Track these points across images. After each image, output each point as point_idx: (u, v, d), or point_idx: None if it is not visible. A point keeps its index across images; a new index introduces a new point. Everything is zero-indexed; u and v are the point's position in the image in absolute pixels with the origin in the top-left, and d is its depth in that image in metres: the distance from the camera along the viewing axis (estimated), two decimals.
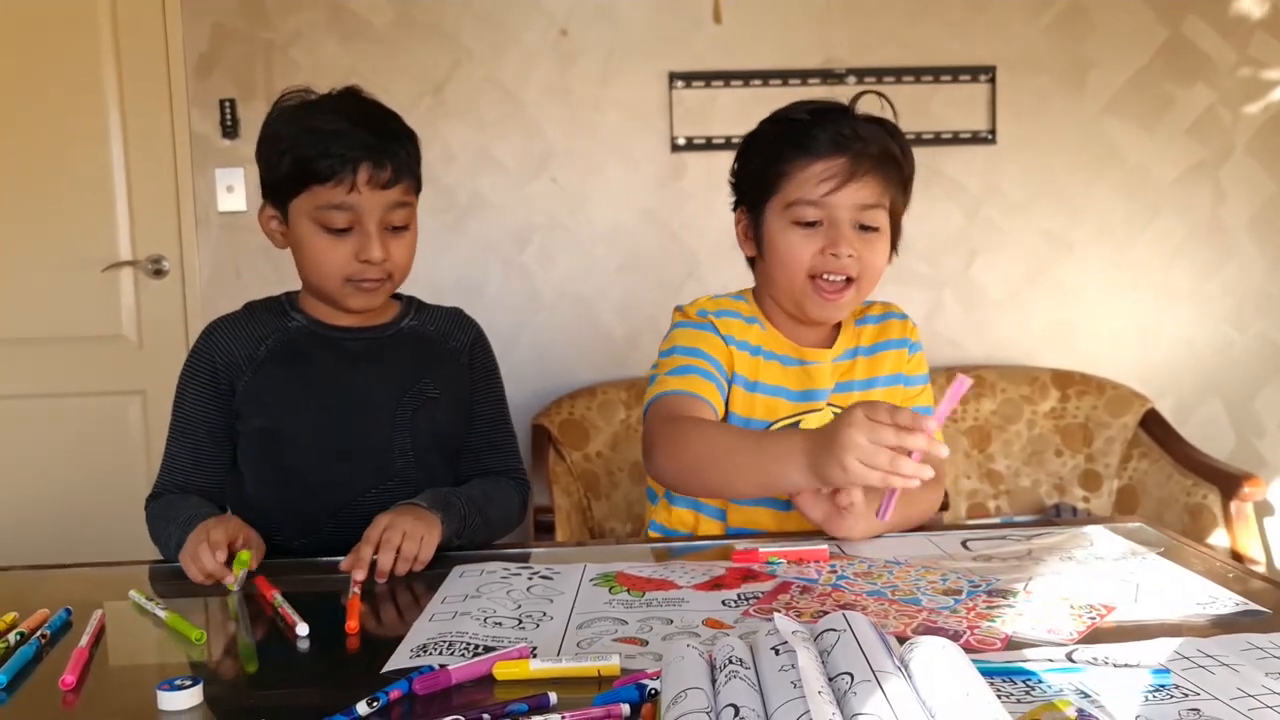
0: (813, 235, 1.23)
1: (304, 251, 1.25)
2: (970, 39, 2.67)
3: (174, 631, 0.91)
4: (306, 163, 1.20)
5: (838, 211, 1.21)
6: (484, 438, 1.38)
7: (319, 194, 1.20)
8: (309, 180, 1.20)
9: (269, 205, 1.27)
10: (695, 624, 0.88)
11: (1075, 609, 0.88)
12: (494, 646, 0.83)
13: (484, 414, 1.38)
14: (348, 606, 0.93)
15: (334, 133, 1.19)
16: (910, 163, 1.27)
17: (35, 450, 2.59)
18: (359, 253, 1.22)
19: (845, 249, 1.21)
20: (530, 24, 2.60)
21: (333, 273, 1.23)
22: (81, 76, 2.53)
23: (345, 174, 1.19)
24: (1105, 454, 2.66)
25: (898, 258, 1.32)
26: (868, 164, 1.21)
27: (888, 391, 1.30)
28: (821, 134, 1.22)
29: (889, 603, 0.91)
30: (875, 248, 1.24)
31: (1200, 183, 2.76)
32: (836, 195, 1.21)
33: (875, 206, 1.22)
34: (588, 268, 2.66)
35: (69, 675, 0.79)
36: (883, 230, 1.25)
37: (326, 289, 1.26)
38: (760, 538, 1.19)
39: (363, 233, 1.22)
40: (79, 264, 2.57)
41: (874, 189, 1.22)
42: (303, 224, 1.23)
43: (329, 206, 1.20)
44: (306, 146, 1.20)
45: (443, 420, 1.32)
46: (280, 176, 1.23)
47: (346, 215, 1.21)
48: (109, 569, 1.18)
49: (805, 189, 1.22)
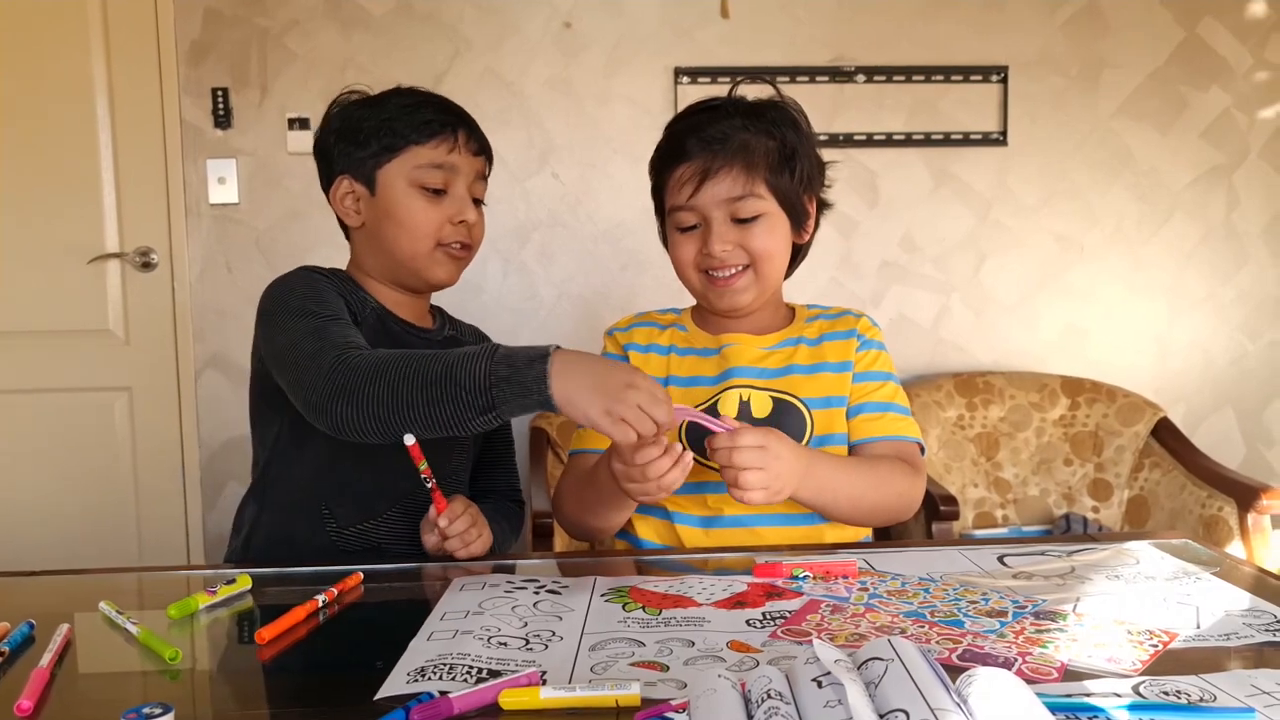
0: (693, 237, 1.26)
1: (396, 215, 1.26)
2: (983, 38, 2.61)
3: (146, 649, 0.83)
4: (406, 127, 1.23)
5: (707, 210, 1.23)
6: (500, 454, 1.43)
7: (419, 154, 1.23)
8: (408, 142, 1.23)
9: (348, 179, 1.27)
10: (720, 647, 0.80)
11: (1134, 635, 0.80)
12: (499, 670, 0.76)
13: (502, 431, 1.43)
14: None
15: (426, 102, 1.26)
16: (791, 135, 1.25)
17: (15, 447, 2.50)
18: (454, 215, 1.25)
19: (718, 245, 1.23)
20: (533, 15, 2.53)
21: (426, 234, 1.24)
22: (70, 62, 2.45)
23: (446, 134, 1.24)
24: (1116, 463, 2.60)
25: (817, 229, 1.32)
26: (723, 159, 1.22)
27: (838, 378, 1.28)
28: (686, 140, 1.25)
29: (929, 625, 0.84)
30: (756, 233, 1.24)
31: (1214, 187, 2.70)
32: (698, 196, 1.23)
33: (745, 197, 1.22)
34: (589, 267, 2.59)
35: (25, 700, 0.71)
36: (766, 215, 1.24)
37: (416, 254, 1.25)
38: (783, 549, 1.11)
39: (457, 194, 1.25)
40: (64, 255, 2.48)
41: (736, 180, 1.22)
42: (397, 187, 1.25)
43: (429, 165, 1.23)
44: (402, 116, 1.24)
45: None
46: (370, 148, 1.24)
47: (444, 175, 1.24)
48: (82, 577, 1.10)
49: (675, 195, 1.26)
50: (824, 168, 1.32)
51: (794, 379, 1.27)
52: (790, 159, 1.25)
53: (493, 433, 1.40)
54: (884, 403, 1.27)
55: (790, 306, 1.37)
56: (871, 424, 1.25)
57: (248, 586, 0.99)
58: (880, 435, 1.25)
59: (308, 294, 1.18)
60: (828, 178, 1.33)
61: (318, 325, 1.12)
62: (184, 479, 2.55)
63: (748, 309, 1.29)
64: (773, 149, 1.24)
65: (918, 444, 1.27)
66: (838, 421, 1.26)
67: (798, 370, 1.28)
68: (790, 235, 1.28)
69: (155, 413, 2.53)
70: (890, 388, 1.29)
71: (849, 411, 1.27)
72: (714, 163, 1.22)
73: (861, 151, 2.59)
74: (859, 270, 2.65)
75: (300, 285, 1.21)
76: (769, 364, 1.28)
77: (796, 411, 1.24)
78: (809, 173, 1.28)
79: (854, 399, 1.27)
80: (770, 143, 1.24)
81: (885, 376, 1.29)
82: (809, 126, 1.31)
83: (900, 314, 2.67)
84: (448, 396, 0.98)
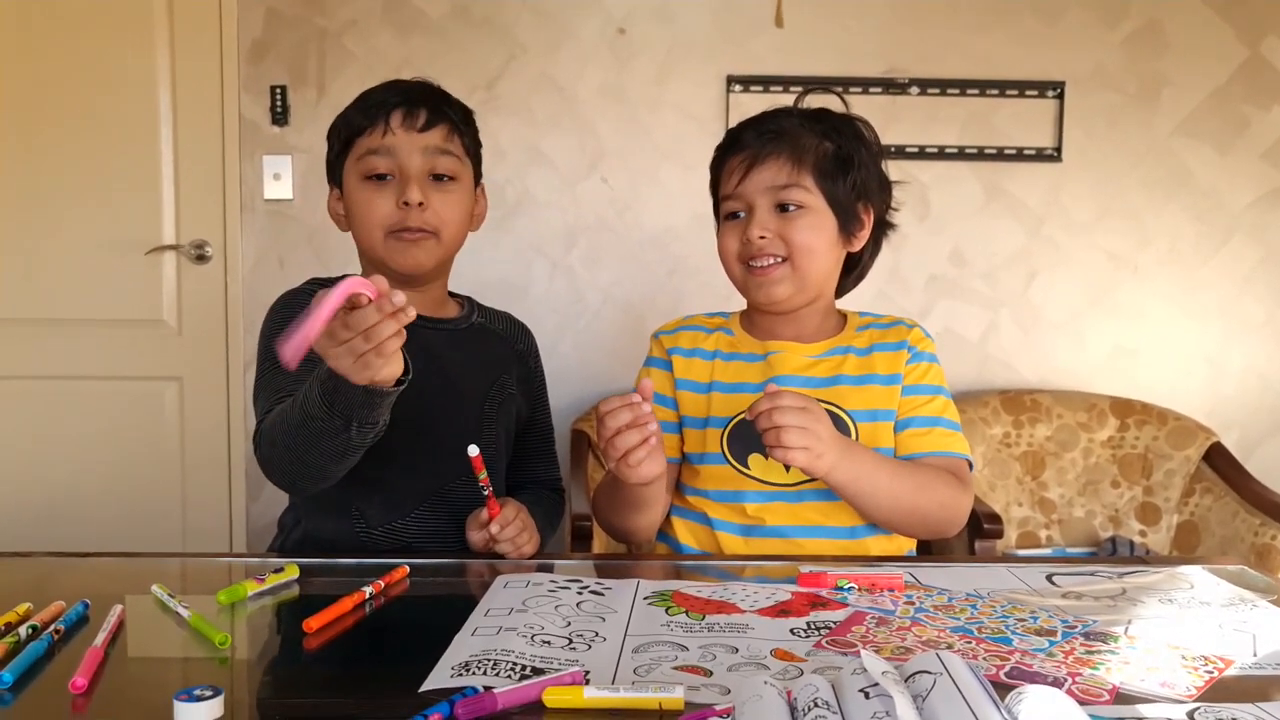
0: (738, 226, 1.26)
1: (353, 210, 1.26)
2: (1039, 53, 2.58)
3: (197, 633, 0.85)
4: (350, 123, 1.24)
5: (751, 197, 1.24)
6: (537, 445, 1.41)
7: (360, 144, 1.23)
8: (354, 133, 1.23)
9: (333, 188, 1.30)
10: (764, 654, 0.80)
11: (1188, 660, 0.79)
12: (543, 668, 0.76)
13: (540, 421, 1.42)
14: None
15: (375, 89, 1.26)
16: (850, 143, 1.25)
17: (68, 432, 2.56)
18: (399, 197, 1.21)
19: (756, 230, 1.22)
20: (587, 20, 2.54)
21: (376, 224, 1.23)
22: (135, 58, 2.50)
23: (379, 119, 1.21)
24: (1165, 487, 2.55)
25: (878, 250, 1.33)
26: (772, 146, 1.23)
27: (886, 391, 1.25)
28: (744, 133, 1.27)
29: (977, 641, 0.83)
30: (798, 225, 1.23)
31: (1275, 209, 2.64)
32: (745, 183, 1.24)
33: (789, 186, 1.22)
34: (636, 272, 2.59)
35: (80, 678, 0.73)
36: (810, 210, 1.23)
37: (373, 245, 1.24)
38: (826, 560, 1.11)
39: (403, 177, 1.22)
40: (122, 246, 2.53)
41: (782, 169, 1.22)
42: (350, 182, 1.25)
43: (367, 153, 1.22)
44: (351, 112, 1.25)
45: (516, 418, 1.35)
46: (335, 150, 1.26)
47: (385, 160, 1.22)
48: (133, 560, 1.12)
49: (726, 184, 1.27)
50: (889, 186, 1.30)
51: (841, 390, 1.25)
52: (845, 165, 1.24)
53: (528, 427, 1.39)
54: (933, 417, 1.24)
55: (842, 314, 1.35)
56: (919, 439, 1.23)
57: (295, 576, 1.00)
58: (927, 451, 1.22)
59: (275, 331, 1.19)
60: (895, 200, 1.32)
61: (268, 376, 1.18)
62: (229, 470, 2.59)
63: (785, 304, 1.27)
64: (827, 150, 1.24)
65: (966, 460, 1.24)
66: (884, 435, 1.24)
67: (845, 381, 1.26)
68: (837, 239, 1.26)
69: (204, 403, 2.57)
70: (940, 402, 1.26)
71: (896, 425, 1.24)
72: (763, 150, 1.23)
73: (913, 164, 2.57)
74: (907, 284, 2.63)
75: (276, 320, 1.22)
76: (816, 373, 1.27)
77: (841, 424, 1.22)
78: (866, 183, 1.26)
79: (902, 413, 1.25)
80: (825, 144, 1.24)
81: (935, 390, 1.27)
82: (877, 143, 1.29)
83: (947, 329, 2.64)
84: (317, 431, 0.99)
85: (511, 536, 1.12)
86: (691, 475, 1.29)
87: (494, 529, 1.10)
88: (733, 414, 1.26)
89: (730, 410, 1.27)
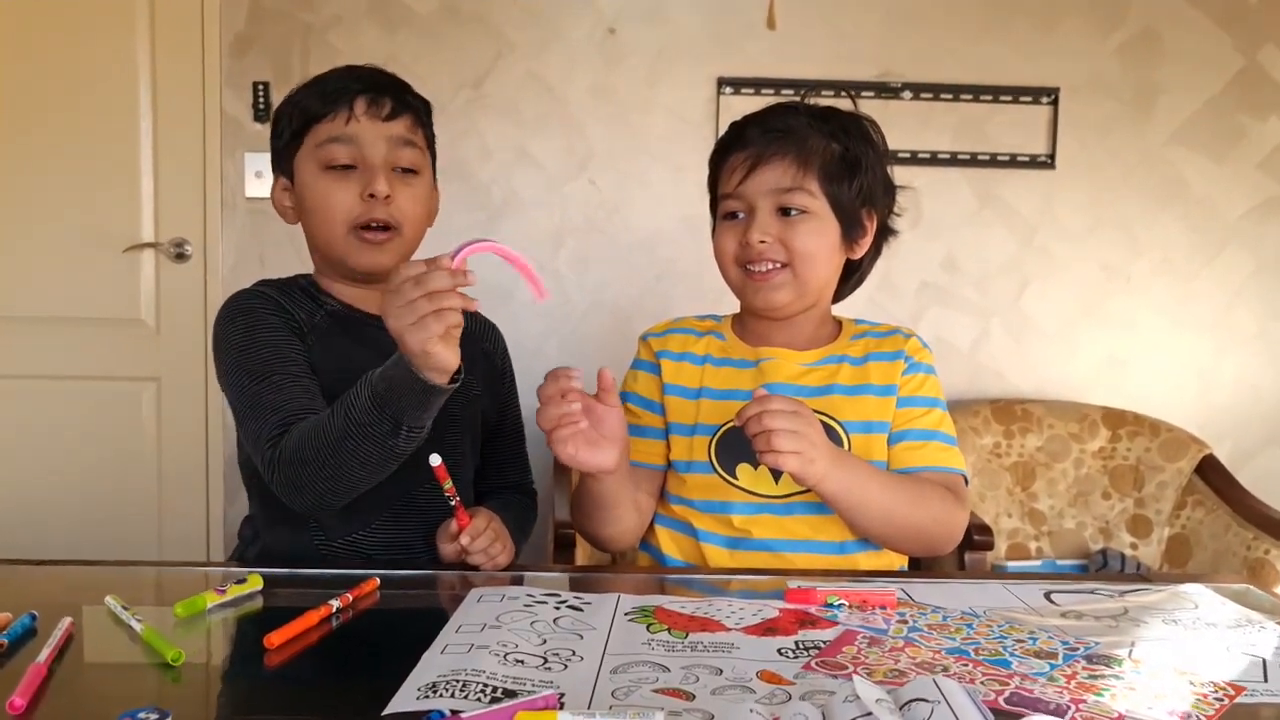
0: (737, 227, 1.21)
1: (309, 202, 1.18)
2: (1033, 59, 2.55)
3: (149, 648, 0.80)
4: (307, 104, 1.17)
5: (753, 198, 1.19)
6: (510, 449, 1.36)
7: (319, 131, 1.16)
8: (310, 120, 1.16)
9: (279, 177, 1.22)
10: (749, 676, 0.75)
11: (1197, 686, 0.75)
12: (515, 690, 0.71)
13: (510, 424, 1.36)
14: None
15: (332, 74, 1.19)
16: (858, 146, 1.21)
17: (42, 432, 2.49)
18: (363, 189, 1.15)
19: (757, 234, 1.18)
20: (578, 20, 2.50)
21: (339, 218, 1.16)
22: (115, 51, 2.45)
23: (342, 105, 1.15)
24: (1157, 499, 2.52)
25: (878, 255, 1.31)
26: (777, 147, 1.18)
27: (881, 402, 1.21)
28: (747, 129, 1.22)
29: (973, 663, 0.79)
30: (800, 230, 1.19)
31: (1269, 219, 2.62)
32: (746, 183, 1.19)
33: (793, 189, 1.18)
34: (624, 275, 2.55)
35: (18, 698, 0.68)
36: (814, 215, 1.19)
37: (332, 241, 1.18)
38: (815, 575, 1.07)
39: (367, 168, 1.16)
40: (99, 243, 2.47)
41: (787, 171, 1.18)
42: (306, 171, 1.18)
43: (329, 140, 1.15)
44: (305, 93, 1.18)
45: (482, 420, 1.29)
46: (284, 137, 1.19)
47: (348, 150, 1.15)
48: (89, 569, 1.07)
49: (726, 183, 1.22)
50: (893, 190, 1.27)
51: (834, 399, 1.21)
52: (852, 169, 1.20)
53: (497, 429, 1.34)
54: (929, 430, 1.20)
55: (837, 320, 1.32)
56: (913, 453, 1.19)
57: (259, 587, 0.95)
58: (922, 465, 1.18)
59: (244, 342, 1.13)
60: (897, 205, 1.28)
61: (253, 393, 1.10)
62: (208, 473, 2.53)
63: (784, 311, 1.23)
64: (834, 152, 1.19)
65: (962, 475, 1.20)
66: (877, 448, 1.20)
67: (839, 390, 1.22)
68: (839, 246, 1.23)
69: (183, 405, 2.52)
70: (936, 414, 1.22)
71: (891, 438, 1.20)
72: (768, 150, 1.18)
73: (905, 169, 2.54)
74: (898, 290, 2.59)
75: (238, 326, 1.15)
76: (808, 381, 1.23)
77: (833, 434, 1.18)
78: (872, 188, 1.22)
79: (896, 424, 1.21)
80: (833, 145, 1.20)
81: (932, 403, 1.23)
82: (884, 144, 1.26)
83: (938, 337, 2.61)
84: (362, 438, 0.96)
85: (484, 547, 1.07)
86: (677, 483, 1.25)
87: (464, 540, 1.06)
88: (721, 421, 1.22)
89: (719, 417, 1.23)
